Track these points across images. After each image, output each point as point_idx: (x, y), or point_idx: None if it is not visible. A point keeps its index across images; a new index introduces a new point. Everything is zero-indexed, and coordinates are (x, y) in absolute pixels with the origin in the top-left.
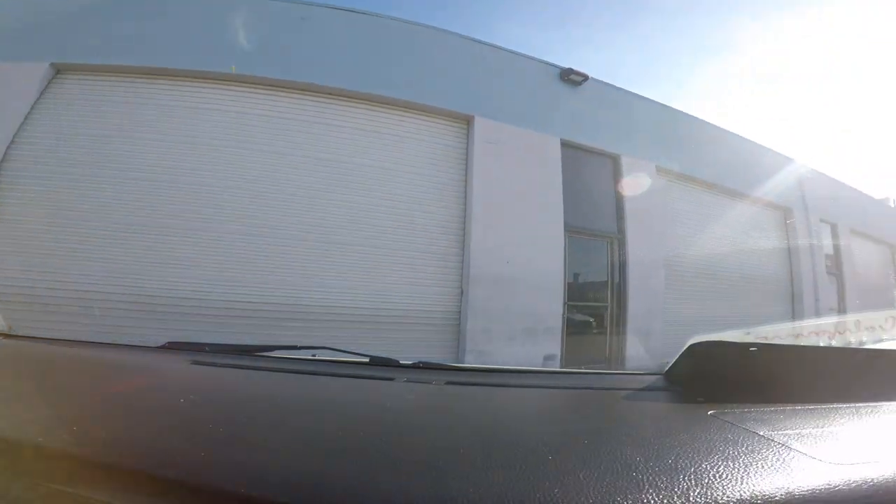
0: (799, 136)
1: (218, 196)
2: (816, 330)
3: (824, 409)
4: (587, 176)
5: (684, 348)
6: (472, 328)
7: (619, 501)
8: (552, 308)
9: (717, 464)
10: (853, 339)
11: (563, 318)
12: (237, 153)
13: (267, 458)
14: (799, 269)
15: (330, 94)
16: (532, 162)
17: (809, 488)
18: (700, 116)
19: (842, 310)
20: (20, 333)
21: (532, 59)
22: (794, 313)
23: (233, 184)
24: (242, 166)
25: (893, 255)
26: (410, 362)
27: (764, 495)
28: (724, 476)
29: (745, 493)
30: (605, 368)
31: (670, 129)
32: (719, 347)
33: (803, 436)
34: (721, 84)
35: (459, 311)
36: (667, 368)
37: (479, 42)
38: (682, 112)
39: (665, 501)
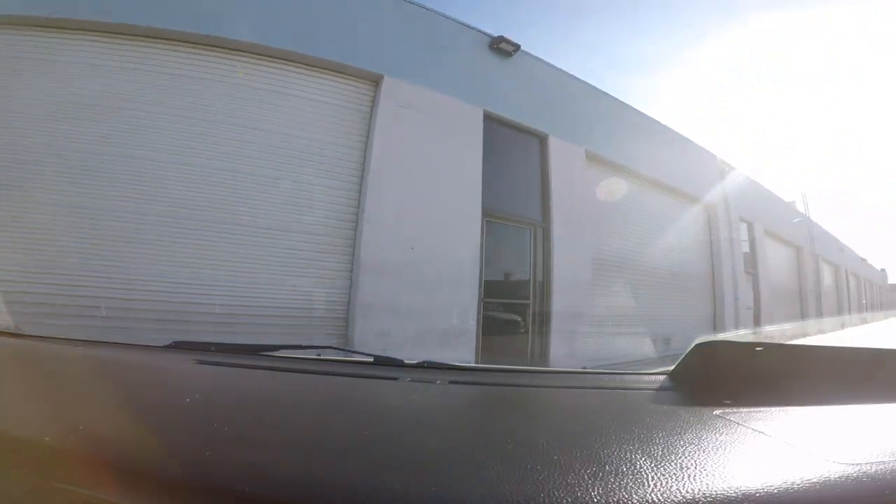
0: (714, 132)
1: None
2: (822, 329)
3: (831, 408)
4: (511, 155)
5: (690, 348)
6: (363, 329)
7: (624, 501)
8: (465, 305)
9: (723, 463)
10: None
11: (479, 316)
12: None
13: (271, 457)
14: (720, 267)
15: (202, 43)
16: (449, 133)
17: (816, 488)
18: (632, 104)
19: (757, 309)
20: (26, 332)
21: (460, 23)
22: (716, 312)
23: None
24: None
25: (799, 257)
26: (415, 362)
27: (770, 495)
28: (730, 476)
29: (751, 492)
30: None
31: (603, 113)
32: (725, 347)
33: (810, 436)
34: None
35: (347, 309)
36: (672, 368)
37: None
38: (615, 98)
39: (671, 501)
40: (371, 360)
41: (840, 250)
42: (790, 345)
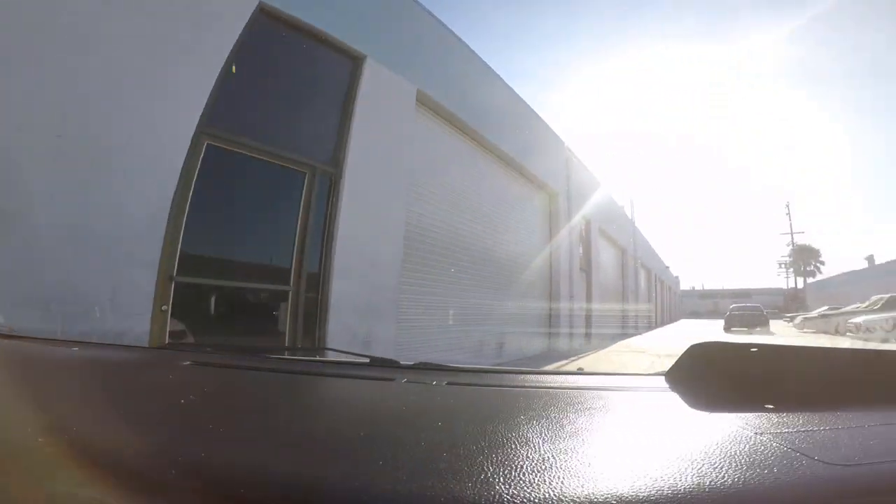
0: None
1: None
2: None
3: (825, 410)
4: (296, 67)
5: (685, 350)
6: None
7: (618, 501)
8: (131, 288)
9: (717, 465)
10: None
11: (159, 309)
12: None
13: (266, 458)
14: (559, 262)
15: None
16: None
17: (810, 490)
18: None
19: (590, 308)
20: (17, 333)
21: None
22: (552, 311)
23: None
24: None
25: (623, 259)
26: (411, 363)
27: (763, 495)
28: (724, 477)
29: (745, 493)
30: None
31: (450, 57)
32: (720, 348)
33: (804, 437)
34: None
35: None
36: (668, 370)
37: None
38: (465, 43)
39: (664, 500)
40: (367, 360)
41: (652, 256)
42: (784, 346)
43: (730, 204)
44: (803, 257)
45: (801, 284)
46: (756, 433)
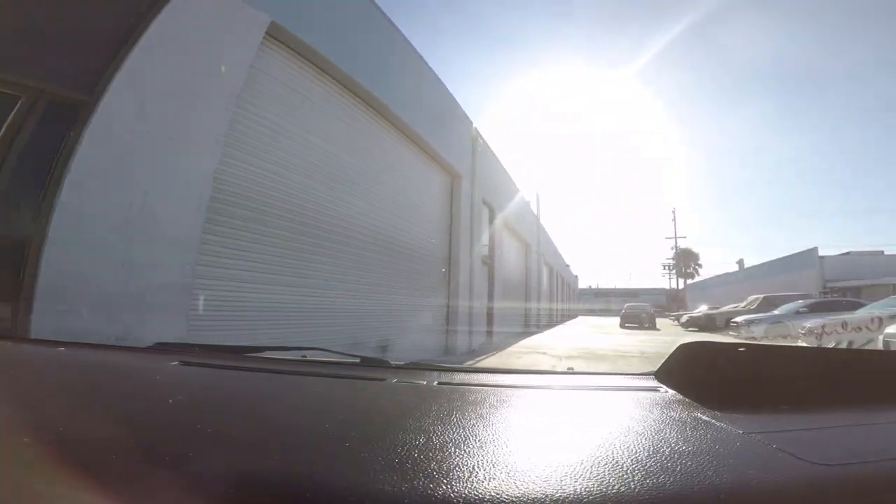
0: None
1: None
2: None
3: (810, 409)
4: None
5: (674, 349)
6: None
7: (607, 500)
8: None
9: (704, 465)
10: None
11: None
12: None
13: (256, 458)
14: (458, 252)
15: None
16: None
17: (795, 488)
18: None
19: (491, 304)
20: (4, 334)
21: None
22: (449, 307)
23: None
24: None
25: (528, 254)
26: (402, 363)
27: (750, 495)
28: (711, 476)
29: (731, 492)
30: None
31: None
32: (708, 348)
33: (789, 437)
34: None
35: None
36: (657, 369)
37: None
38: None
39: (654, 501)
40: (358, 360)
41: (555, 254)
42: (772, 345)
43: (623, 209)
44: (685, 260)
45: (681, 285)
46: (743, 433)
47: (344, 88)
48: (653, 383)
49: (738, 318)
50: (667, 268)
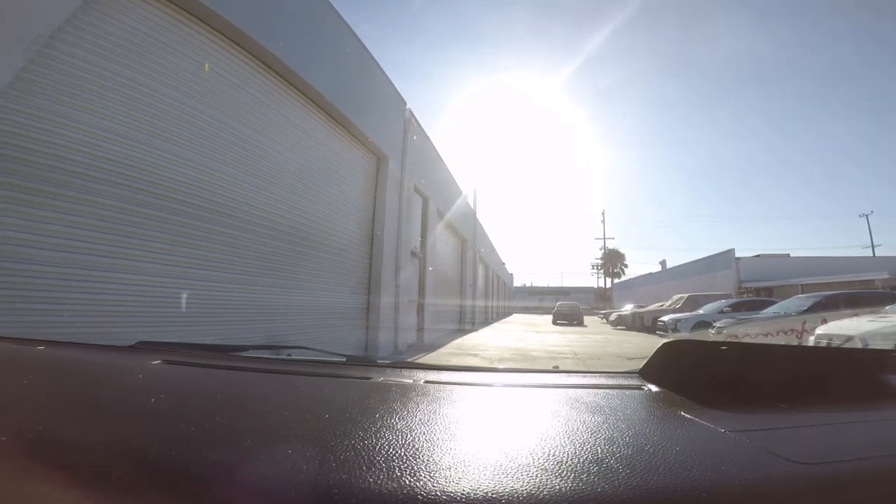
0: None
1: None
2: (786, 329)
3: (792, 408)
4: None
5: (658, 348)
6: None
7: (592, 498)
8: None
9: (687, 463)
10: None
11: None
12: None
13: (240, 457)
14: (382, 242)
15: None
16: None
17: (777, 487)
18: None
19: (422, 300)
20: None
21: None
22: (370, 303)
23: None
24: None
25: (463, 248)
26: (388, 361)
27: (732, 494)
28: (694, 476)
29: (714, 490)
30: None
31: None
32: (691, 346)
33: (772, 435)
34: None
35: None
36: (641, 367)
37: None
38: None
39: (636, 498)
40: (343, 359)
41: (491, 251)
42: (754, 344)
43: (556, 210)
44: (612, 260)
45: (609, 284)
46: (725, 431)
47: (232, 42)
48: (637, 381)
49: (665, 318)
50: (595, 267)
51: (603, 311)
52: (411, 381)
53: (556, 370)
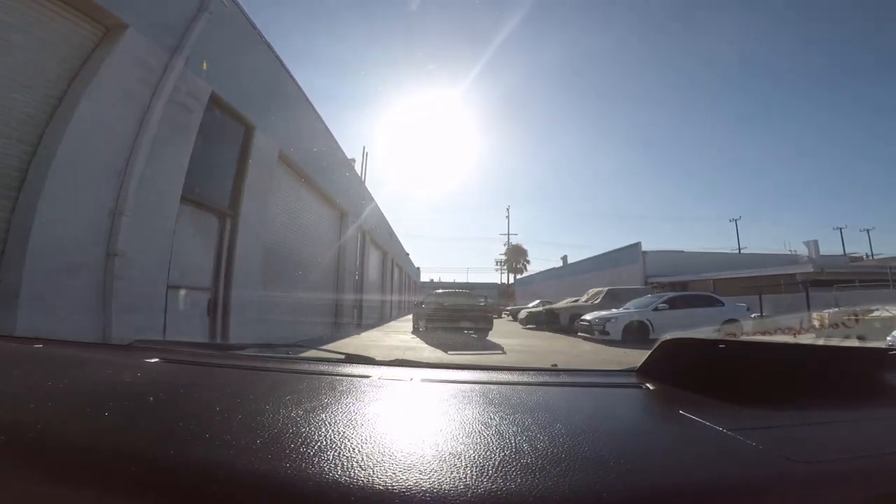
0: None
1: None
2: (782, 327)
3: (792, 406)
4: None
5: (656, 345)
6: None
7: (590, 495)
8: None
9: (686, 462)
10: (819, 337)
11: None
12: None
13: (239, 456)
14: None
15: None
16: None
17: (776, 486)
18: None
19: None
20: None
21: None
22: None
23: None
24: None
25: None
26: (387, 360)
27: (732, 492)
28: (693, 475)
29: (713, 489)
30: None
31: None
32: (690, 344)
33: (772, 434)
34: None
35: None
36: (640, 365)
37: None
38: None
39: (634, 497)
40: (342, 357)
41: (393, 237)
42: (751, 341)
43: (463, 207)
44: (515, 256)
45: (512, 280)
46: (724, 430)
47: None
48: (635, 380)
49: (588, 316)
50: (499, 263)
51: (509, 308)
52: (410, 379)
53: (554, 368)
